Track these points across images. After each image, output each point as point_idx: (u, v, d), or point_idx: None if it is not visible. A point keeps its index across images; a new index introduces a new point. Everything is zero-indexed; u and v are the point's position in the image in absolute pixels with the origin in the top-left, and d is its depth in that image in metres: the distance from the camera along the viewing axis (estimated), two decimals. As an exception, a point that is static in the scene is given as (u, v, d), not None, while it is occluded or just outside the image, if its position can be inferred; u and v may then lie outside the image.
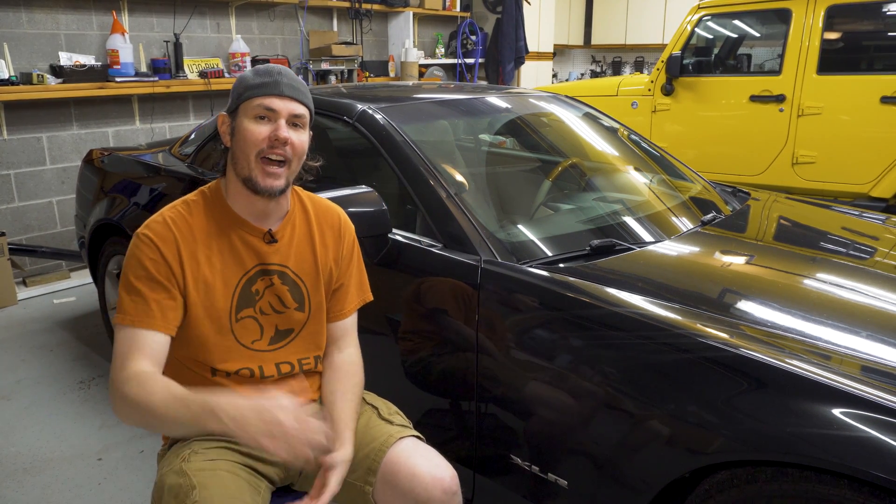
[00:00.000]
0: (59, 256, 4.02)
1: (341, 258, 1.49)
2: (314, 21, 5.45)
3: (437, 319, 1.72)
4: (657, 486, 1.32)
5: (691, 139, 4.71)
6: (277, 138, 1.28)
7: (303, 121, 1.33)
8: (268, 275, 1.37)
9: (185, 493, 1.21)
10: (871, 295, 1.63)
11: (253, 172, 1.29)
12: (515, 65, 6.75)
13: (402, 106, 2.20)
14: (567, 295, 1.51)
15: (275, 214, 1.38)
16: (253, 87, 1.30)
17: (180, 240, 1.30)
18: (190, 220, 1.33)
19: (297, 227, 1.43)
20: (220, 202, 1.37)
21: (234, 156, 1.33)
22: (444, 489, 1.30)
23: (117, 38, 3.99)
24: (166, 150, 2.94)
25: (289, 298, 1.40)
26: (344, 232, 1.50)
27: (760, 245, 2.03)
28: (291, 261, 1.40)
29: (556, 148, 2.53)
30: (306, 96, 1.35)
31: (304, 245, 1.43)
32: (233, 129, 1.33)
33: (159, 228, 1.30)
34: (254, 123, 1.29)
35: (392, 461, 1.34)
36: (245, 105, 1.30)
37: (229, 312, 1.33)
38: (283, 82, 1.30)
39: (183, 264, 1.29)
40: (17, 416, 2.61)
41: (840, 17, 4.10)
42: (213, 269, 1.32)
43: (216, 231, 1.34)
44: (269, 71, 1.32)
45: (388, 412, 1.47)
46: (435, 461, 1.35)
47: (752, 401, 1.21)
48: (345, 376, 1.46)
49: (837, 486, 1.13)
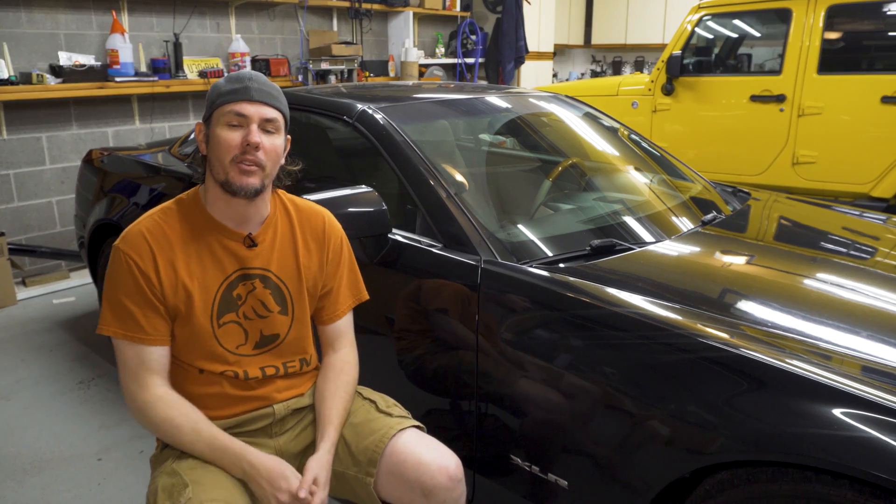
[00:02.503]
0: (58, 256, 4.02)
1: (327, 262, 1.48)
2: (314, 21, 5.45)
3: (437, 319, 1.72)
4: (657, 487, 1.32)
5: (691, 139, 4.71)
6: (249, 143, 1.29)
7: (275, 125, 1.33)
8: (249, 279, 1.38)
9: (178, 492, 1.22)
10: (872, 295, 1.63)
11: (229, 175, 1.30)
12: (515, 64, 6.74)
13: (402, 106, 2.20)
14: (567, 295, 1.51)
15: (255, 218, 1.39)
16: (224, 94, 1.31)
17: (156, 250, 1.31)
18: (166, 227, 1.34)
19: (278, 230, 1.43)
20: (198, 208, 1.37)
21: (210, 163, 1.34)
22: (449, 476, 1.34)
23: (117, 38, 3.99)
24: (166, 150, 2.94)
25: (271, 302, 1.40)
26: (329, 236, 1.49)
27: (761, 245, 2.02)
28: (273, 264, 1.40)
29: (557, 148, 2.53)
30: (278, 100, 1.35)
31: (287, 249, 1.43)
32: (208, 137, 1.34)
33: (134, 241, 1.32)
34: (226, 130, 1.30)
35: (396, 451, 1.36)
36: (217, 112, 1.31)
37: (210, 317, 1.34)
38: (252, 87, 1.31)
39: (160, 274, 1.31)
40: (17, 416, 2.61)
41: (840, 17, 4.09)
42: (192, 276, 1.33)
43: (194, 237, 1.35)
44: (241, 77, 1.33)
45: (385, 405, 1.49)
46: (439, 450, 1.38)
47: (752, 401, 1.21)
48: (337, 375, 1.47)
49: (837, 486, 1.12)
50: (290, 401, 1.43)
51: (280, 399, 1.41)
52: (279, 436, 1.42)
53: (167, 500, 1.22)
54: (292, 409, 1.44)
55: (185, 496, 1.21)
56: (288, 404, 1.43)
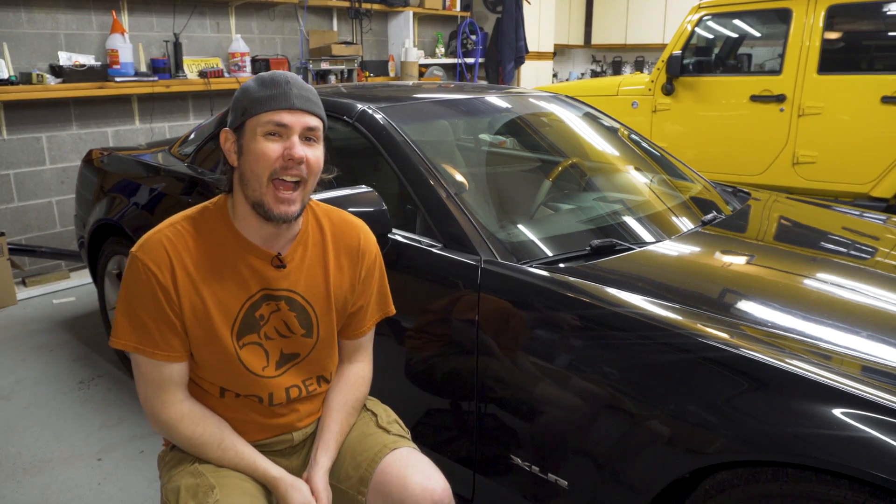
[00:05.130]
0: (58, 256, 4.02)
1: (359, 281, 1.39)
2: (314, 21, 5.45)
3: (437, 319, 1.72)
4: (657, 487, 1.32)
5: (691, 139, 4.71)
6: (292, 157, 1.17)
7: (317, 134, 1.22)
8: (274, 300, 1.28)
9: (203, 493, 1.20)
10: (872, 295, 1.63)
11: (265, 198, 1.19)
12: (515, 64, 6.74)
13: (402, 106, 2.20)
14: (567, 295, 1.51)
15: (285, 236, 1.28)
16: (260, 101, 1.18)
17: (176, 265, 1.21)
18: (190, 241, 1.24)
19: (308, 249, 1.32)
20: (224, 221, 1.26)
21: (243, 177, 1.21)
22: (434, 500, 1.25)
23: (117, 38, 3.99)
24: (166, 150, 2.94)
25: (295, 324, 1.31)
26: (363, 252, 1.39)
27: (761, 245, 2.02)
28: (301, 286, 1.30)
29: (557, 148, 2.53)
30: (318, 106, 1.24)
31: (316, 269, 1.33)
32: (240, 148, 1.21)
33: (156, 254, 1.21)
34: (264, 142, 1.17)
35: (384, 471, 1.31)
36: (252, 121, 1.18)
37: (231, 339, 1.26)
38: (292, 93, 1.18)
39: (179, 291, 1.21)
40: (17, 416, 2.61)
41: (840, 17, 4.09)
42: (213, 294, 1.24)
43: (219, 253, 1.25)
44: (276, 81, 1.19)
45: (386, 420, 1.44)
46: (427, 472, 1.29)
47: (752, 401, 1.21)
48: (349, 389, 1.42)
49: (837, 486, 1.13)
50: (308, 427, 1.39)
51: (300, 427, 1.38)
52: (292, 455, 1.40)
53: (191, 500, 1.19)
54: (309, 434, 1.40)
55: (213, 498, 1.18)
56: (306, 431, 1.39)
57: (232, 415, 1.31)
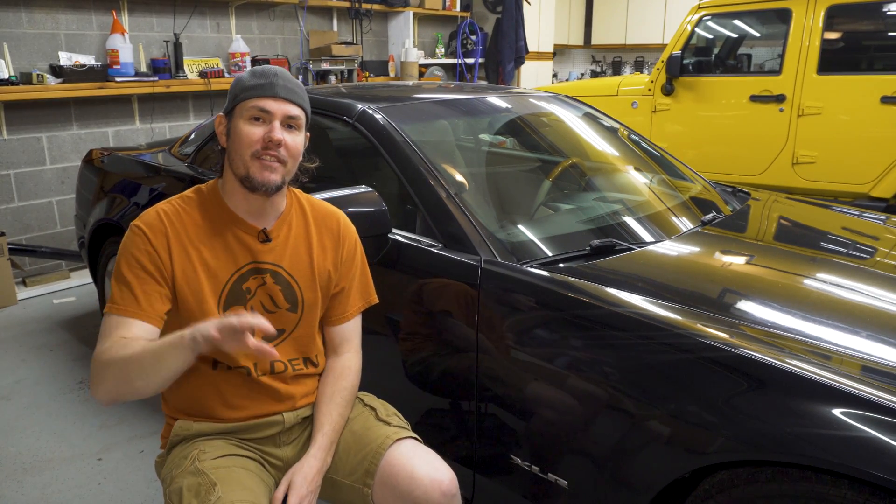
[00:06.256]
0: (58, 256, 4.02)
1: (341, 263, 1.48)
2: (314, 21, 5.45)
3: (437, 319, 1.72)
4: (657, 487, 1.32)
5: (691, 139, 4.71)
6: (271, 139, 1.29)
7: (297, 122, 1.34)
8: (260, 273, 1.37)
9: (206, 491, 1.20)
10: (872, 295, 1.63)
11: (250, 170, 1.30)
12: (515, 65, 6.75)
13: (402, 106, 2.20)
14: (567, 295, 1.51)
15: (271, 213, 1.39)
16: (249, 89, 1.31)
17: (171, 233, 1.31)
18: (184, 214, 1.35)
19: (293, 227, 1.42)
20: (216, 199, 1.38)
21: (230, 156, 1.35)
22: (442, 491, 1.30)
23: (117, 38, 3.99)
24: (166, 150, 2.94)
25: (281, 298, 1.39)
26: (344, 236, 1.49)
27: (760, 245, 2.03)
28: (286, 261, 1.40)
29: (556, 148, 2.53)
30: (302, 98, 1.36)
31: (300, 246, 1.42)
32: (229, 130, 1.35)
33: (151, 220, 1.32)
34: (248, 125, 1.30)
35: (390, 463, 1.34)
36: (241, 106, 1.32)
37: (218, 308, 1.33)
38: (278, 84, 1.31)
39: (172, 256, 1.30)
40: (17, 416, 2.61)
41: (840, 17, 4.10)
42: (204, 264, 1.33)
43: (210, 227, 1.35)
44: (266, 72, 1.33)
45: (385, 413, 1.46)
46: (434, 463, 1.34)
47: (752, 401, 1.21)
48: (335, 379, 1.45)
49: (837, 486, 1.13)
50: (300, 410, 1.42)
51: (291, 408, 1.40)
52: (286, 445, 1.41)
53: (194, 500, 1.20)
54: (301, 418, 1.43)
55: (215, 495, 1.19)
56: (297, 413, 1.41)
57: (224, 387, 1.35)
